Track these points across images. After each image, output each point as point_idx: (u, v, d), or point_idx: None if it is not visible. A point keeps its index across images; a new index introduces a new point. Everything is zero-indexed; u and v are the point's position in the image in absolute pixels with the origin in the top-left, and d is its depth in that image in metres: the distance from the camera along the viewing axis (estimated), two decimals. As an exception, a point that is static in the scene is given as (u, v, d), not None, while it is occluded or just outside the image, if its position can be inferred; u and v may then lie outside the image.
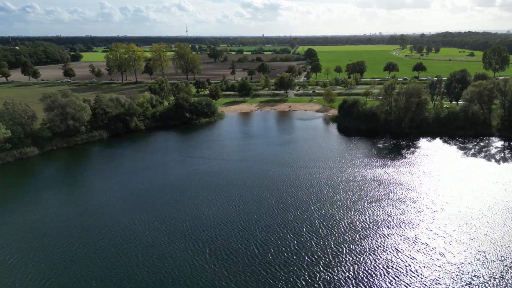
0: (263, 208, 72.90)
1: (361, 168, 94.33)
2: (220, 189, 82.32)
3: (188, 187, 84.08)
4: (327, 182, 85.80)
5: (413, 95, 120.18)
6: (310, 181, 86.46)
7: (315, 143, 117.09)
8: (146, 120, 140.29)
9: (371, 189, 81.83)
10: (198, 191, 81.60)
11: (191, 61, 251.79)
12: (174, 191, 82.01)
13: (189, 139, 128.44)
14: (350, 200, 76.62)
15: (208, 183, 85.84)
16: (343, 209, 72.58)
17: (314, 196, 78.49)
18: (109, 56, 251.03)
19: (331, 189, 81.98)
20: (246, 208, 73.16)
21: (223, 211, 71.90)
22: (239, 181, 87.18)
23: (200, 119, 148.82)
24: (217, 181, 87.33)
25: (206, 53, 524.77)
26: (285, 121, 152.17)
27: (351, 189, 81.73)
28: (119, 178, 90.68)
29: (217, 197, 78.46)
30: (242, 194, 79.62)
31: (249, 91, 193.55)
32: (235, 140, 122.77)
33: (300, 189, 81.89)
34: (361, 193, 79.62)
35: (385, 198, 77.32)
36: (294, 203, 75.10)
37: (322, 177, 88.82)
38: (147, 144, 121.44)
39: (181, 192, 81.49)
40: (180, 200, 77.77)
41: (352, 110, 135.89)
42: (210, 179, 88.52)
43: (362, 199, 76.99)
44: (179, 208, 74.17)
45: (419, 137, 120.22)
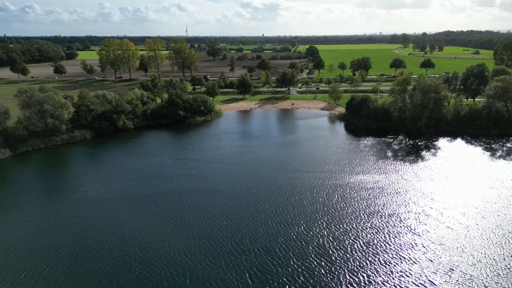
0: (260, 223, 60.88)
1: (374, 173, 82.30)
2: (209, 199, 70.26)
3: (173, 195, 72.07)
4: (335, 189, 73.82)
5: (430, 91, 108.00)
6: (315, 188, 74.45)
7: (320, 144, 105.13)
8: (136, 118, 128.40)
9: (388, 198, 69.78)
10: (182, 201, 69.62)
11: (188, 57, 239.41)
12: (156, 201, 70.01)
13: (181, 140, 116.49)
14: (364, 212, 64.59)
15: (196, 191, 73.85)
16: (357, 224, 60.55)
17: (321, 207, 66.49)
18: (102, 52, 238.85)
19: (341, 198, 69.96)
20: (240, 224, 61.06)
21: (211, 228, 59.73)
22: (234, 188, 75.17)
23: (195, 117, 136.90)
24: (207, 187, 75.33)
25: (205, 52, 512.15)
26: (288, 120, 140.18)
27: (364, 199, 69.70)
28: (99, 184, 78.71)
29: (204, 209, 66.35)
30: (236, 205, 67.57)
31: (249, 88, 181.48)
32: (233, 140, 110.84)
33: (304, 199, 69.88)
34: (376, 204, 67.60)
35: (405, 210, 65.27)
36: (298, 217, 63.10)
37: (330, 183, 76.82)
38: (135, 145, 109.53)
39: (164, 203, 69.52)
40: (160, 214, 65.79)
41: (361, 107, 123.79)
42: (199, 185, 76.52)
43: (378, 211, 64.96)
44: (156, 227, 62.16)
45: (437, 137, 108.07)
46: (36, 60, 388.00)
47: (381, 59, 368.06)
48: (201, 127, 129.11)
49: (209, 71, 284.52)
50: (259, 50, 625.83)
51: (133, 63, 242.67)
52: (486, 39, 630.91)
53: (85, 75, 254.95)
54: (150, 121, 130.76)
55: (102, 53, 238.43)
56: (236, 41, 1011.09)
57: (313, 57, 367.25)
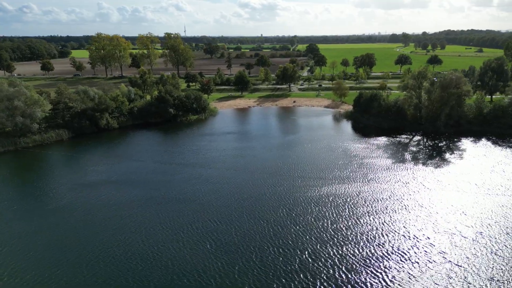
0: (253, 248, 48.54)
1: (390, 181, 70.11)
2: (190, 214, 57.70)
3: (147, 207, 59.69)
4: (345, 201, 61.59)
5: (451, 85, 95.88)
6: (322, 200, 62.18)
7: (325, 145, 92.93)
8: (121, 117, 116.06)
9: (410, 213, 57.58)
10: (155, 215, 57.24)
11: (183, 53, 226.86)
12: (121, 216, 57.69)
13: (170, 141, 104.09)
14: (381, 232, 52.36)
15: (176, 202, 61.50)
16: (375, 248, 48.30)
17: (329, 224, 54.17)
18: (91, 48, 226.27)
19: (352, 212, 57.61)
20: (228, 249, 48.52)
21: (189, 255, 47.27)
22: (223, 200, 62.84)
23: (187, 116, 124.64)
24: (190, 198, 63.00)
25: (202, 50, 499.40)
26: (289, 119, 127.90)
27: (380, 213, 57.49)
28: (63, 193, 66.31)
29: (182, 227, 53.90)
30: (224, 223, 55.12)
31: (247, 85, 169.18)
32: (227, 141, 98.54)
33: (308, 213, 57.58)
34: (395, 221, 55.35)
35: (434, 229, 53.01)
36: (301, 240, 50.79)
37: (338, 193, 64.56)
38: (117, 146, 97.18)
39: (133, 217, 57.19)
40: (126, 232, 53.47)
41: (371, 104, 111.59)
42: (181, 195, 64.13)
43: (399, 231, 52.77)
44: (116, 254, 49.85)
45: (459, 137, 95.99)
46: (27, 58, 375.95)
47: (384, 57, 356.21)
48: (194, 126, 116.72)
49: (206, 68, 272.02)
50: (258, 49, 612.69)
51: (125, 59, 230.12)
52: (489, 37, 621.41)
53: (74, 72, 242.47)
54: (137, 120, 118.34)
55: (92, 49, 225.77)
56: (235, 41, 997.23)
57: (313, 54, 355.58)
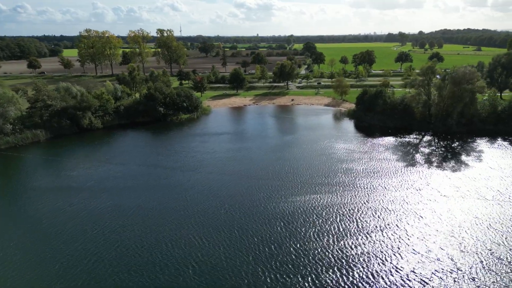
0: (246, 275, 40.43)
1: (402, 187, 62.20)
2: (171, 229, 49.63)
3: (122, 221, 51.36)
4: (351, 213, 53.53)
5: (464, 81, 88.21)
6: (324, 211, 54.11)
7: (327, 147, 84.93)
8: (106, 116, 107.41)
9: (429, 228, 49.72)
10: (129, 233, 48.97)
11: (176, 50, 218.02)
12: (96, 228, 49.34)
13: (158, 142, 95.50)
14: (401, 255, 44.44)
15: (156, 214, 53.24)
16: (394, 275, 40.36)
17: (334, 243, 46.05)
18: (80, 45, 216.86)
19: (361, 227, 49.59)
20: (214, 279, 40.48)
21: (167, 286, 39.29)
22: (211, 212, 54.54)
23: (178, 115, 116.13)
24: (173, 208, 54.76)
25: (197, 49, 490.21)
26: (287, 118, 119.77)
27: (393, 227, 49.58)
28: (38, 200, 57.74)
29: (163, 245, 45.83)
30: (210, 242, 46.89)
31: (242, 83, 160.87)
32: (220, 142, 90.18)
33: (310, 228, 49.38)
34: (412, 236, 47.49)
35: (459, 250, 45.23)
36: (302, 262, 42.70)
37: (343, 203, 56.53)
38: (99, 148, 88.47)
39: (105, 230, 48.86)
40: (98, 244, 45.15)
41: (375, 102, 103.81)
42: (162, 205, 55.89)
43: (419, 248, 44.85)
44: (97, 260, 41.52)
45: (473, 137, 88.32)
46: (17, 57, 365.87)
47: (382, 56, 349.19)
48: (184, 126, 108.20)
49: (200, 67, 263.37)
50: (254, 48, 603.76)
51: (115, 57, 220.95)
52: (486, 36, 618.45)
53: (63, 71, 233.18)
54: (123, 119, 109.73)
55: (81, 46, 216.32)
56: (231, 40, 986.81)
57: (310, 52, 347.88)
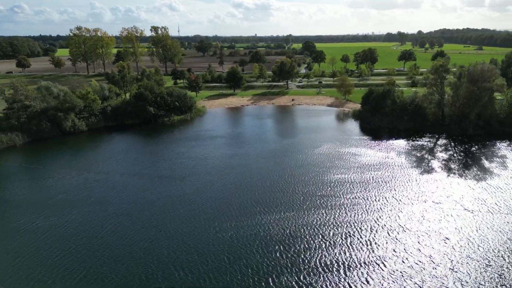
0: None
1: (418, 200, 54.27)
2: (153, 252, 41.67)
3: (91, 241, 43.26)
4: (362, 234, 45.65)
5: (481, 79, 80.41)
6: (329, 232, 46.19)
7: (332, 152, 76.88)
8: (92, 117, 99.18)
9: (459, 256, 41.84)
10: (108, 251, 40.97)
11: (170, 48, 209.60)
12: (62, 252, 41.25)
13: (145, 146, 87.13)
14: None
15: (133, 234, 45.18)
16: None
17: (345, 276, 38.20)
18: (71, 43, 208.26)
19: (376, 256, 41.70)
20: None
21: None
22: (199, 233, 46.49)
23: (170, 116, 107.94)
24: (156, 227, 46.68)
25: (194, 48, 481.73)
26: (287, 119, 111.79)
27: (414, 253, 41.66)
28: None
29: (135, 282, 37.82)
30: (197, 277, 39.02)
31: (240, 82, 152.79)
32: (215, 147, 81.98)
33: (313, 255, 41.49)
34: (437, 263, 39.58)
35: (501, 280, 37.37)
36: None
37: (353, 221, 48.53)
38: (80, 154, 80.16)
39: (70, 254, 40.79)
40: (61, 269, 37.06)
41: (383, 102, 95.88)
42: (140, 224, 47.78)
43: (444, 279, 36.94)
44: None
45: (492, 140, 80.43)
46: (9, 56, 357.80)
47: (383, 54, 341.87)
48: (176, 128, 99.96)
49: (197, 66, 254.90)
50: (252, 47, 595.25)
51: (108, 56, 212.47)
52: (487, 35, 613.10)
53: (53, 70, 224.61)
54: (111, 121, 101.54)
55: (72, 44, 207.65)
56: (229, 40, 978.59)
57: (310, 51, 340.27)
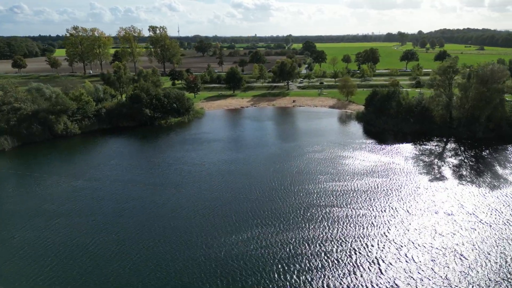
0: None
1: (429, 210, 50.58)
2: (136, 279, 38.03)
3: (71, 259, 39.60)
4: (369, 252, 42.02)
5: (491, 80, 76.77)
6: (333, 247, 42.48)
7: (335, 157, 73.19)
8: (85, 120, 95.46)
9: (477, 274, 38.11)
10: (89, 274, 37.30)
11: (169, 48, 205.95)
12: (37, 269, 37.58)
13: (140, 151, 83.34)
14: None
15: (120, 252, 41.55)
16: None
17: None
18: (68, 43, 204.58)
19: (386, 278, 37.96)
20: None
21: None
22: (190, 252, 42.92)
23: (167, 118, 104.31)
24: (141, 242, 43.06)
25: (193, 48, 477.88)
26: (288, 122, 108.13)
27: (430, 277, 37.97)
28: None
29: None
30: None
31: (239, 82, 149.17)
32: (213, 152, 78.24)
33: (317, 276, 37.84)
34: (454, 286, 35.86)
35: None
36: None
37: (358, 235, 44.82)
38: (71, 159, 76.44)
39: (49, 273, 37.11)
40: None
41: (387, 104, 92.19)
42: (127, 242, 44.13)
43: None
44: None
45: (503, 144, 76.70)
46: (6, 57, 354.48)
47: (384, 54, 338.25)
48: (172, 131, 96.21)
49: (196, 66, 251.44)
50: (252, 47, 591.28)
51: (105, 56, 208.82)
52: (488, 35, 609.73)
53: (50, 70, 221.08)
54: (105, 124, 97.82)
55: (68, 44, 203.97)
56: (228, 40, 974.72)
57: (310, 51, 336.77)
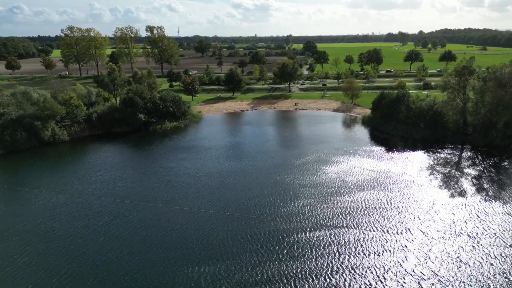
0: None
1: (451, 235, 44.96)
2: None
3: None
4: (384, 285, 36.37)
5: (509, 83, 71.13)
6: (345, 280, 36.94)
7: (341, 168, 67.57)
8: (75, 126, 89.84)
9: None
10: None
11: (167, 48, 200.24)
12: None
13: (130, 160, 77.61)
14: None
15: (100, 278, 35.95)
16: None
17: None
18: (62, 44, 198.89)
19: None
20: None
21: None
22: (180, 283, 37.33)
23: (163, 123, 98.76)
24: (121, 272, 37.47)
25: (193, 48, 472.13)
26: (290, 127, 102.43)
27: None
28: None
29: None
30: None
31: (239, 84, 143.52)
32: (209, 161, 72.54)
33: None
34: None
35: None
36: None
37: (372, 265, 39.26)
38: (56, 170, 70.71)
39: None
40: None
41: (396, 108, 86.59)
42: (107, 271, 38.58)
43: None
44: None
45: (525, 153, 71.29)
46: (2, 57, 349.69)
47: (386, 55, 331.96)
48: (167, 137, 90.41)
49: (195, 67, 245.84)
50: (252, 48, 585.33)
51: (101, 57, 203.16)
52: (490, 35, 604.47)
53: (44, 72, 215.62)
54: (96, 129, 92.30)
55: (63, 44, 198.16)
56: (228, 41, 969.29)
57: (311, 52, 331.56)
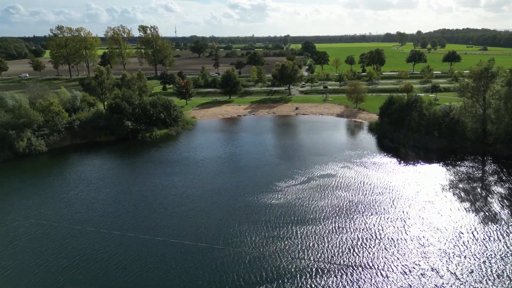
0: None
1: (482, 273, 37.38)
2: None
3: None
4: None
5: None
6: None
7: (349, 184, 59.96)
8: (55, 135, 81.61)
9: None
10: None
11: (161, 49, 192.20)
12: None
13: (111, 177, 69.50)
14: None
15: None
16: None
17: None
18: (51, 44, 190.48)
19: None
20: None
21: None
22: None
23: (152, 130, 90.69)
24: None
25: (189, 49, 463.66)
26: (291, 135, 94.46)
27: None
28: None
29: None
30: None
31: (236, 87, 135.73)
32: (199, 176, 64.52)
33: None
34: None
35: None
36: None
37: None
38: (22, 190, 62.68)
39: None
40: None
41: (408, 115, 78.95)
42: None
43: None
44: None
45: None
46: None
47: (387, 56, 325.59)
48: (155, 147, 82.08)
49: (191, 68, 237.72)
50: (250, 48, 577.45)
51: (92, 56, 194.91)
52: (489, 35, 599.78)
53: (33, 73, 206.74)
54: (79, 139, 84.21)
55: (52, 45, 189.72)
56: (226, 40, 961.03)
57: (310, 52, 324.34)
